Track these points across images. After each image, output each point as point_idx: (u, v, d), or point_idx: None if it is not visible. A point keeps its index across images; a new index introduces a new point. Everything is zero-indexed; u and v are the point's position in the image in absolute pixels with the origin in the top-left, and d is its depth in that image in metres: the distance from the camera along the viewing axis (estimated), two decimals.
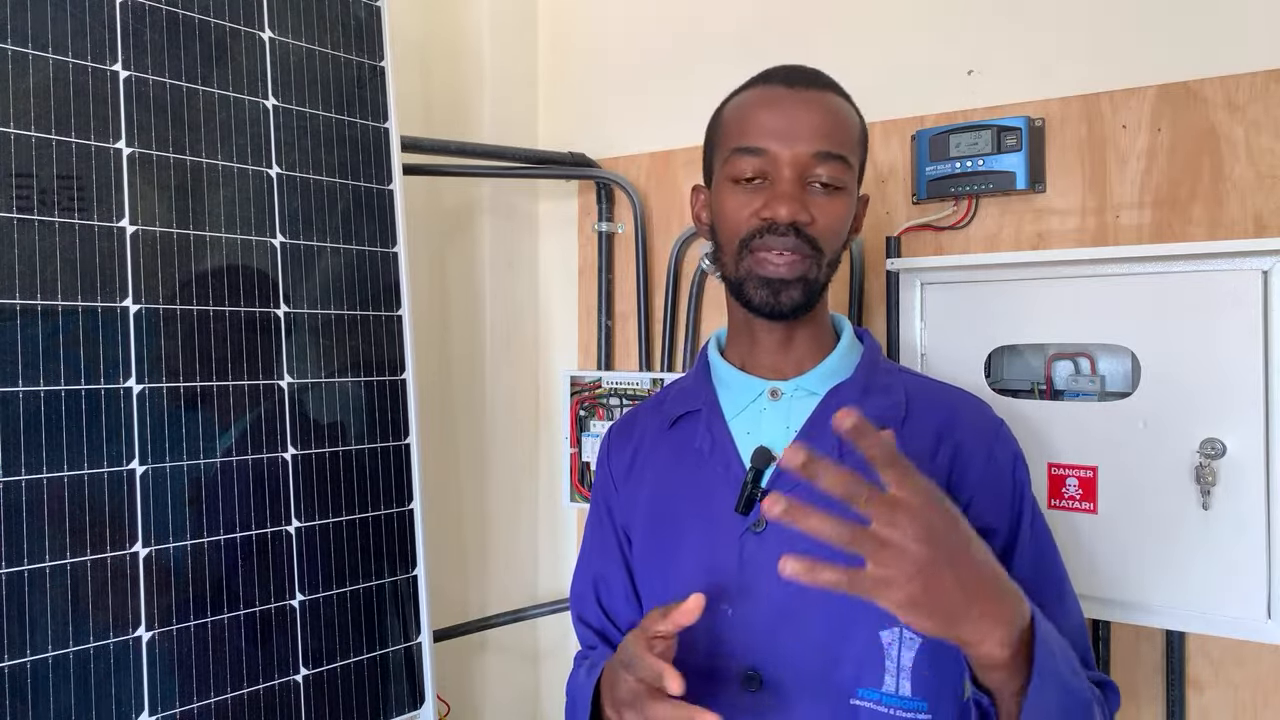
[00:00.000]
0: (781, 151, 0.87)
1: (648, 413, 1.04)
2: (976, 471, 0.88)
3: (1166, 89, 1.18)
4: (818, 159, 0.87)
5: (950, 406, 0.93)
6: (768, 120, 0.88)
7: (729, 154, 0.90)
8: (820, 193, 0.88)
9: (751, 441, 0.92)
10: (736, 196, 0.90)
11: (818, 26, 1.46)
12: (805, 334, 0.94)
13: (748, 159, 0.88)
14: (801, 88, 0.89)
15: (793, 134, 0.87)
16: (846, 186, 0.89)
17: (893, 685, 0.85)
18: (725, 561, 0.88)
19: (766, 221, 0.87)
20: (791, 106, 0.88)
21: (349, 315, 1.17)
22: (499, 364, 1.69)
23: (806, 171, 0.87)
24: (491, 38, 1.67)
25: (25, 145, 0.92)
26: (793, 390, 0.93)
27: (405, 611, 1.20)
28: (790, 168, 0.87)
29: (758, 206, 0.88)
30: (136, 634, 0.95)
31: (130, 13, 1.00)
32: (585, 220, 1.71)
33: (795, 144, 0.86)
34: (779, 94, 0.89)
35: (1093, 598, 1.15)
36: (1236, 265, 1.07)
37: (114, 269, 0.97)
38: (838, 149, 0.87)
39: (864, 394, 0.91)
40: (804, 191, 0.87)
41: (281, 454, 1.09)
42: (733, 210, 0.90)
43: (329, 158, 1.17)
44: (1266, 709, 1.13)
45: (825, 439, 0.89)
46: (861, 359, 0.95)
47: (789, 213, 0.85)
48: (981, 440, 0.90)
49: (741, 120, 0.91)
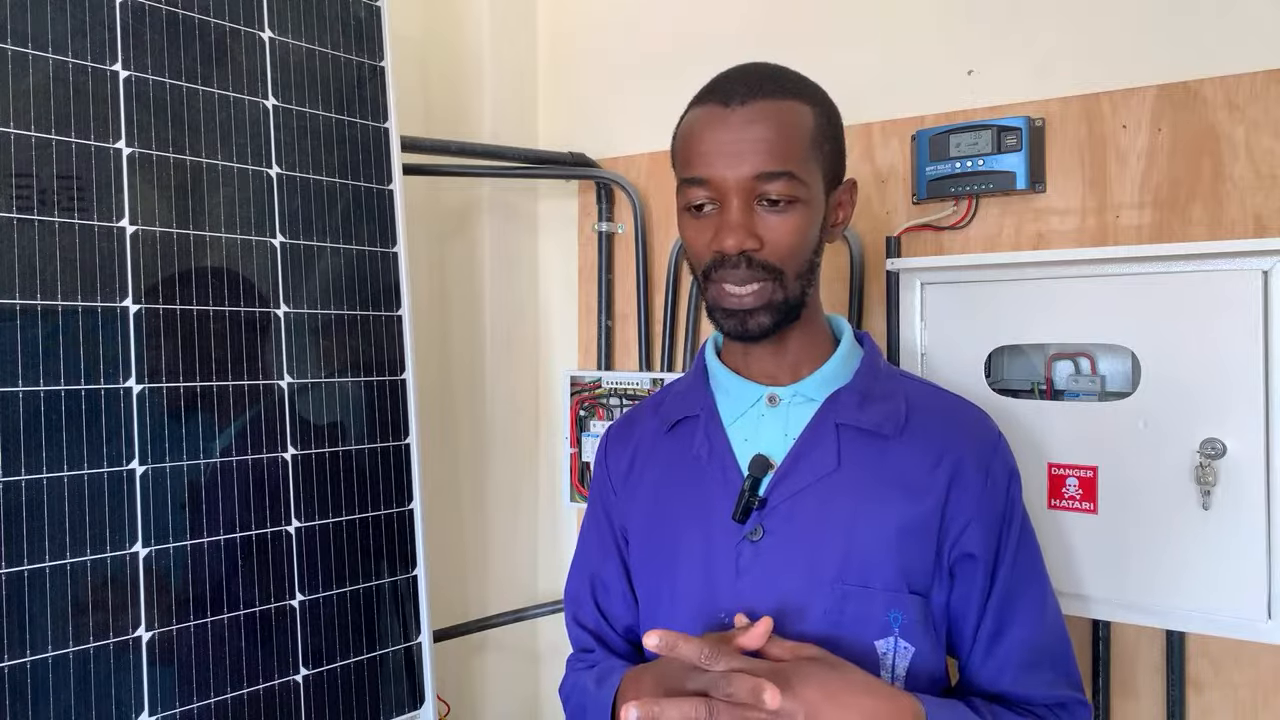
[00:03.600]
0: (725, 177, 0.84)
1: (646, 415, 1.04)
2: (974, 494, 0.88)
3: (1166, 89, 1.18)
4: (762, 179, 0.83)
5: (951, 418, 0.92)
6: (708, 145, 0.85)
7: (679, 183, 0.89)
8: (771, 210, 0.84)
9: (750, 449, 0.91)
10: (691, 226, 0.88)
11: (817, 26, 1.46)
12: (797, 341, 0.93)
13: (695, 189, 0.86)
14: (739, 103, 0.84)
15: (733, 158, 0.83)
16: (800, 198, 0.85)
17: None
18: (722, 569, 0.88)
19: (718, 255, 0.85)
20: (730, 128, 0.84)
21: (349, 315, 1.17)
22: (499, 364, 1.69)
23: (753, 193, 0.84)
24: (491, 38, 1.67)
25: (25, 145, 0.92)
26: (790, 396, 0.92)
27: (405, 611, 1.20)
28: (736, 194, 0.84)
29: (708, 238, 0.86)
30: (136, 634, 0.95)
31: (130, 13, 1.00)
32: (585, 220, 1.71)
33: (737, 168, 0.83)
34: (717, 115, 0.85)
35: (1093, 598, 1.15)
36: (1236, 265, 1.07)
37: (114, 269, 0.97)
38: (782, 165, 0.83)
39: (863, 400, 0.91)
40: (751, 216, 0.84)
41: (281, 454, 1.09)
42: (690, 241, 0.89)
43: (329, 158, 1.17)
44: (1266, 709, 1.13)
45: (823, 446, 0.89)
46: (861, 364, 0.94)
47: (735, 243, 0.83)
48: (980, 459, 0.90)
49: (686, 147, 0.88)
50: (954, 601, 0.90)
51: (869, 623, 0.85)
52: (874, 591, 0.85)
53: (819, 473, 0.88)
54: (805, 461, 0.89)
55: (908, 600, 0.86)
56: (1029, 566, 0.92)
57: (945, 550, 0.88)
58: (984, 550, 0.88)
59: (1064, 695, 0.90)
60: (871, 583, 0.85)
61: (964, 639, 0.91)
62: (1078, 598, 1.15)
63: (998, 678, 0.89)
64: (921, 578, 0.87)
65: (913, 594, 0.86)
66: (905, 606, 0.85)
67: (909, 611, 0.85)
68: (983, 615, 0.89)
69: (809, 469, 0.88)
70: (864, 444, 0.89)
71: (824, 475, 0.88)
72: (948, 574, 0.89)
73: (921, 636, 0.86)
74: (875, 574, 0.85)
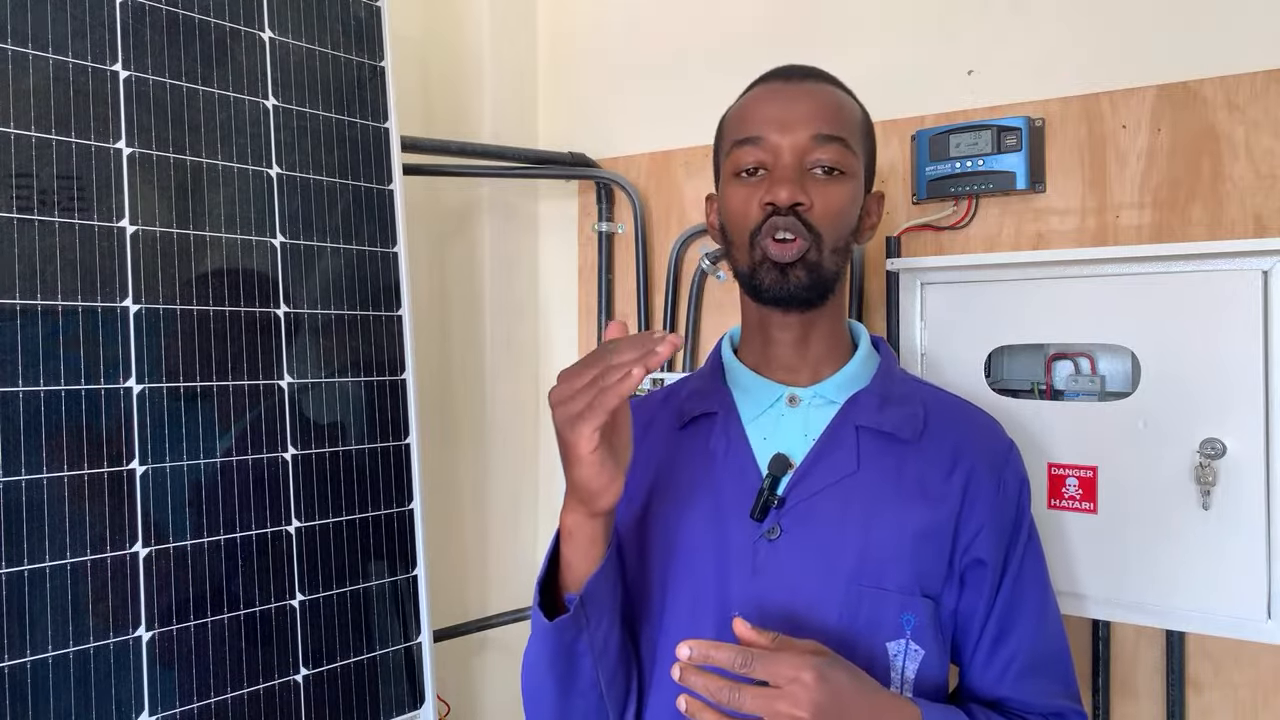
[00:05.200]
0: (780, 139, 0.87)
1: (655, 406, 1.02)
2: (986, 502, 0.89)
3: (1166, 89, 1.18)
4: (816, 142, 0.87)
5: (965, 426, 0.93)
6: (765, 111, 0.89)
7: (730, 148, 0.91)
8: (821, 178, 0.88)
9: (769, 448, 0.91)
10: (741, 189, 0.90)
11: (817, 26, 1.46)
12: (820, 335, 0.93)
13: (748, 150, 0.89)
14: (798, 80, 0.91)
15: (789, 121, 0.87)
16: (849, 171, 0.88)
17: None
18: (738, 567, 0.88)
19: (769, 208, 0.87)
20: (788, 96, 0.89)
21: (349, 315, 1.17)
22: (499, 364, 1.69)
23: (806, 156, 0.87)
24: (491, 38, 1.67)
25: (25, 145, 0.92)
26: (811, 397, 0.92)
27: (405, 611, 1.20)
28: (789, 153, 0.87)
29: (760, 195, 0.88)
30: (136, 634, 0.95)
31: (130, 13, 1.00)
32: (585, 220, 1.71)
33: (792, 129, 0.87)
34: (776, 88, 0.91)
35: (1093, 598, 1.15)
36: (1236, 265, 1.07)
37: (114, 269, 0.97)
38: (836, 131, 0.87)
39: (882, 403, 0.91)
40: (804, 177, 0.87)
41: (281, 454, 1.09)
42: (739, 203, 0.90)
43: (329, 158, 1.17)
44: (1266, 709, 1.13)
45: (844, 448, 0.89)
46: (879, 368, 0.95)
47: (788, 195, 0.85)
48: (993, 469, 0.91)
49: (741, 117, 0.92)
50: (961, 607, 0.90)
51: (882, 624, 0.86)
52: (889, 593, 0.85)
53: (838, 474, 0.88)
54: (825, 462, 0.89)
55: (920, 603, 0.86)
56: (1034, 575, 0.92)
57: (957, 556, 0.89)
58: (993, 557, 0.89)
59: (1061, 705, 0.90)
60: (886, 584, 0.86)
61: (967, 643, 0.91)
62: (1077, 597, 1.15)
63: (997, 683, 0.90)
64: (934, 582, 0.87)
65: (925, 597, 0.87)
66: (918, 609, 0.86)
67: (921, 614, 0.86)
68: (986, 621, 0.90)
69: (829, 470, 0.88)
70: (883, 447, 0.89)
71: (843, 477, 0.88)
72: (959, 580, 0.89)
73: (931, 640, 0.87)
74: (890, 576, 0.86)
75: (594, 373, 0.72)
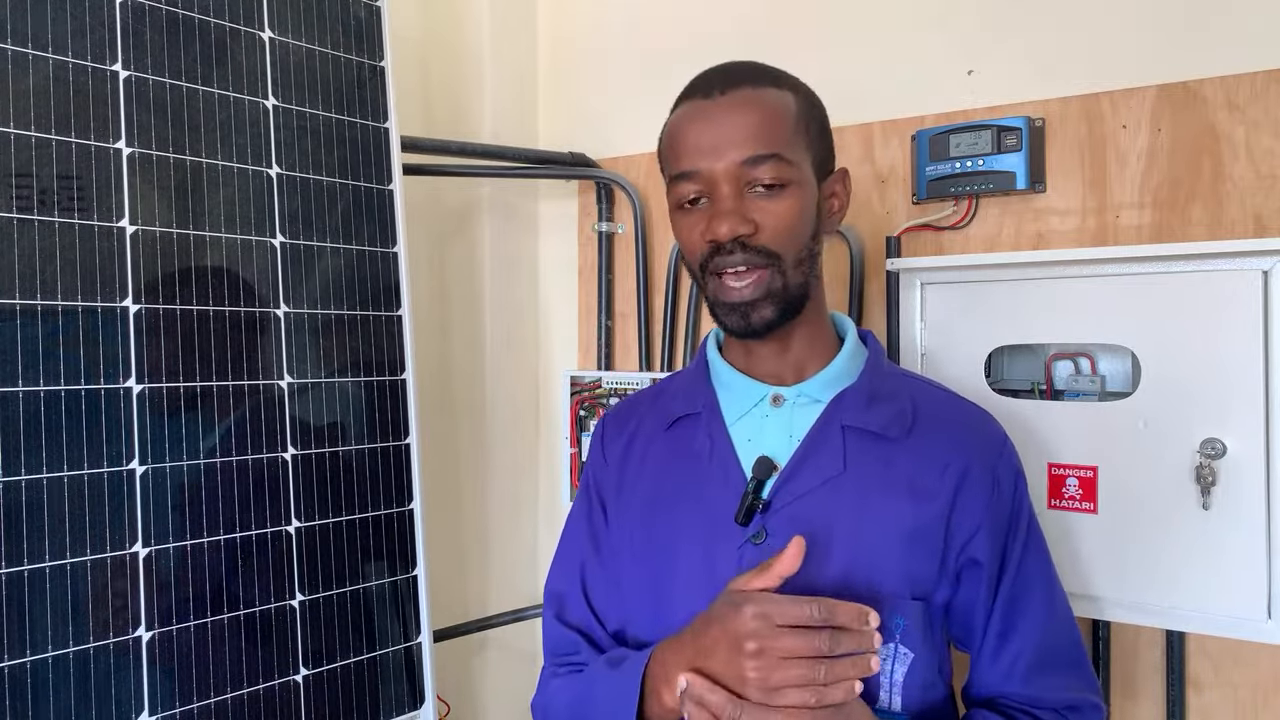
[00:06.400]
0: (713, 167, 0.84)
1: (645, 406, 1.02)
2: (981, 501, 0.88)
3: (1166, 89, 1.18)
4: (750, 164, 0.83)
5: (957, 421, 0.92)
6: (693, 139, 0.85)
7: (669, 182, 0.89)
8: (764, 195, 0.84)
9: (753, 449, 0.90)
10: (685, 220, 0.88)
11: (817, 26, 1.46)
12: (801, 338, 0.92)
13: (685, 184, 0.86)
14: (720, 93, 0.85)
15: (719, 147, 0.83)
16: (792, 181, 0.84)
17: (886, 700, 0.85)
18: (723, 571, 0.87)
19: (713, 244, 0.85)
20: (713, 118, 0.84)
21: (349, 315, 1.17)
22: (499, 364, 1.69)
23: (743, 180, 0.84)
24: (491, 38, 1.67)
25: (25, 145, 0.92)
26: (795, 397, 0.91)
27: (405, 611, 1.20)
28: (725, 182, 0.84)
29: (701, 229, 0.85)
30: (136, 634, 0.95)
31: (130, 13, 1.00)
32: (585, 220, 1.71)
33: (724, 156, 0.83)
34: (699, 108, 0.86)
35: (1093, 598, 1.15)
36: (1236, 265, 1.07)
37: (114, 269, 0.97)
38: (769, 148, 0.83)
39: (869, 402, 0.90)
40: (742, 202, 0.84)
41: (281, 454, 1.09)
42: (684, 237, 0.88)
43: (329, 158, 1.17)
44: (1266, 709, 1.13)
45: (829, 449, 0.88)
46: (866, 364, 0.93)
47: (728, 229, 0.83)
48: (987, 464, 0.90)
49: (672, 144, 0.88)
50: (962, 603, 0.89)
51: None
52: (878, 598, 0.85)
53: (824, 476, 0.87)
54: (810, 464, 0.88)
55: (909, 606, 0.85)
56: (1037, 568, 0.91)
57: (951, 556, 0.88)
58: (991, 556, 0.88)
59: (1075, 698, 0.89)
60: (876, 588, 0.85)
61: (973, 639, 0.91)
62: (1077, 597, 1.15)
63: (1006, 679, 0.89)
64: (924, 583, 0.87)
65: (915, 600, 0.86)
66: (907, 613, 0.85)
67: (910, 617, 0.85)
68: (990, 617, 0.89)
69: (814, 472, 0.87)
70: (870, 446, 0.88)
71: (829, 478, 0.87)
72: (953, 578, 0.89)
73: (920, 642, 0.86)
74: (880, 579, 0.85)
75: (808, 653, 0.72)
